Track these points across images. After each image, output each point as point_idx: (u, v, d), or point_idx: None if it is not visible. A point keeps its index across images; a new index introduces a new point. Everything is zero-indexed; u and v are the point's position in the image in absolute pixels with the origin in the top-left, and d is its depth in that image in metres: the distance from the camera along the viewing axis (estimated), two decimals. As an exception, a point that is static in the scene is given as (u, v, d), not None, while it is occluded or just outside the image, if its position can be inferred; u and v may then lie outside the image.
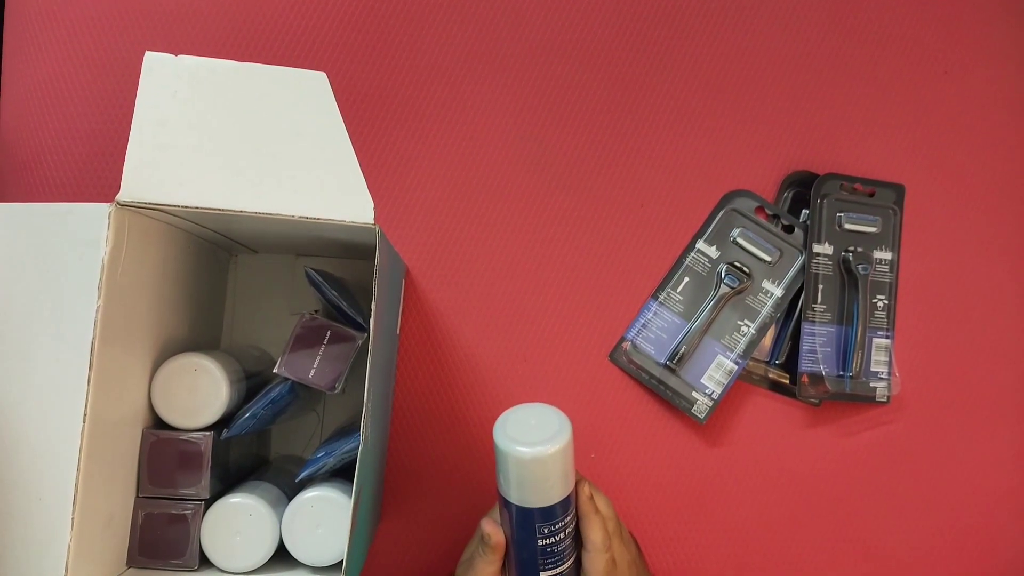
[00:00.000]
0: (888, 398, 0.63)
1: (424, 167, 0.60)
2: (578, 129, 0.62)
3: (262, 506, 0.44)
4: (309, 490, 0.44)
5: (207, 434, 0.44)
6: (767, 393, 0.62)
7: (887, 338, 0.63)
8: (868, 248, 0.63)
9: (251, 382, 0.49)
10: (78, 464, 0.37)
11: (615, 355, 0.61)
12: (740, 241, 0.62)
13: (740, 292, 0.61)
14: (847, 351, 0.62)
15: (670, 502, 0.61)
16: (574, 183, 0.62)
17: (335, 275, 0.49)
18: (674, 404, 0.60)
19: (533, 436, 0.40)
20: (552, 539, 0.42)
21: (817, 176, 0.63)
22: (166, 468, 0.44)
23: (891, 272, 0.64)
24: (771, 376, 0.63)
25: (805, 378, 0.61)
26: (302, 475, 0.45)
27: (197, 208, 0.39)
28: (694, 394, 0.60)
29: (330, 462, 0.45)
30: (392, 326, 0.53)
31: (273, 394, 0.46)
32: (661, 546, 0.61)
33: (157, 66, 0.39)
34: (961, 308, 0.65)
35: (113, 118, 0.58)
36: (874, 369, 0.62)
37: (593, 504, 0.44)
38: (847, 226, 0.63)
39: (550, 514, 0.42)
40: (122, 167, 0.38)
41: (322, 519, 0.43)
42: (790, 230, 0.63)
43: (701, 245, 0.62)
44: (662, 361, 0.61)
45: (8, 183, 0.59)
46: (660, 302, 0.61)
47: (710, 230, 0.62)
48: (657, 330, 0.61)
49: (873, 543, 0.63)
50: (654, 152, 0.63)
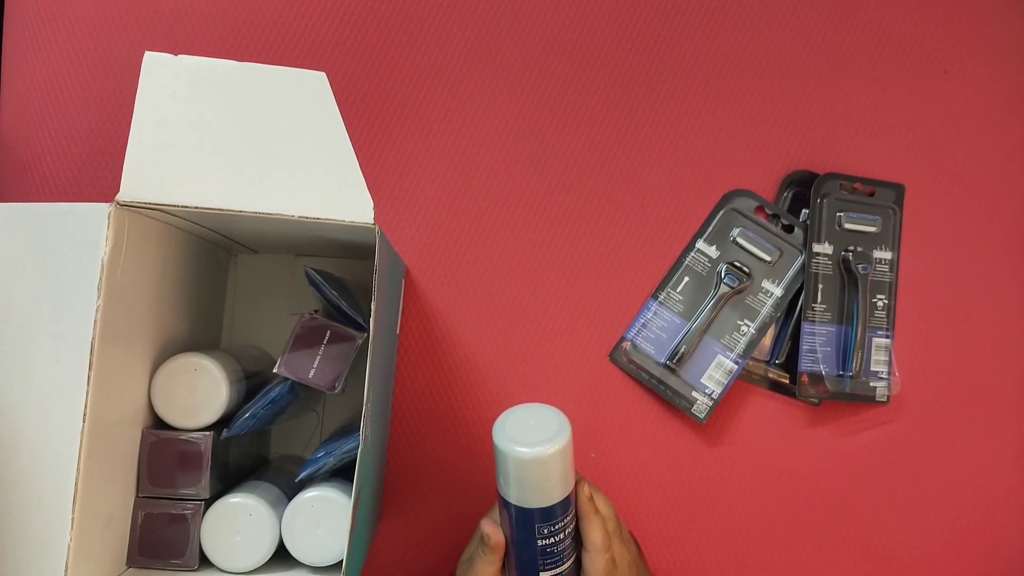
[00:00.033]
0: (888, 398, 0.63)
1: (424, 167, 0.60)
2: (578, 129, 0.62)
3: (262, 506, 0.44)
4: (309, 490, 0.44)
5: (207, 434, 0.44)
6: (767, 393, 0.62)
7: (887, 338, 0.63)
8: (868, 248, 0.63)
9: (251, 382, 0.49)
10: (78, 464, 0.37)
11: (615, 355, 0.61)
12: (740, 241, 0.62)
13: (740, 292, 0.61)
14: (847, 351, 0.62)
15: (670, 502, 0.61)
16: (574, 183, 0.62)
17: (335, 275, 0.49)
18: (674, 404, 0.60)
19: (533, 436, 0.40)
20: (552, 539, 0.42)
21: (817, 176, 0.63)
22: (166, 468, 0.44)
23: (891, 272, 0.64)
24: (771, 376, 0.63)
25: (805, 378, 0.61)
26: (302, 475, 0.45)
27: (197, 208, 0.39)
28: (694, 394, 0.60)
29: (330, 462, 0.45)
30: (392, 326, 0.53)
31: (273, 394, 0.46)
32: (661, 546, 0.61)
33: (157, 66, 0.39)
34: (961, 308, 0.65)
35: (113, 118, 0.58)
36: (874, 369, 0.62)
37: (593, 504, 0.44)
38: (847, 226, 0.63)
39: (550, 514, 0.42)
40: (122, 167, 0.38)
41: (322, 519, 0.43)
42: (790, 230, 0.63)
43: (701, 245, 0.62)
44: (662, 361, 0.61)
45: (8, 183, 0.59)
46: (660, 302, 0.61)
47: (710, 230, 0.62)
48: (657, 330, 0.61)
49: (873, 543, 0.63)
50: (654, 152, 0.63)
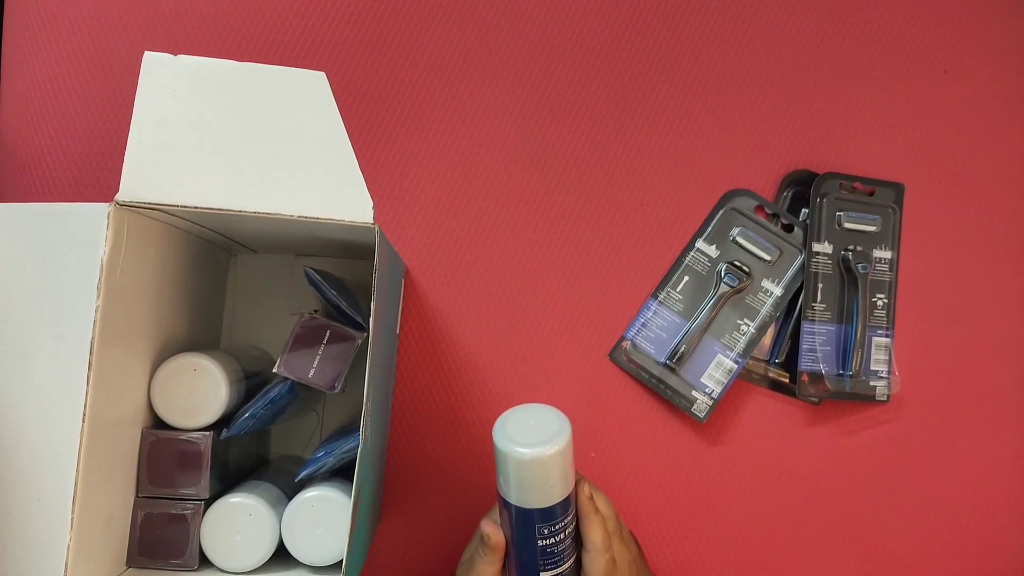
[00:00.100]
0: (888, 397, 0.63)
1: (424, 167, 0.60)
2: (578, 129, 0.62)
3: (262, 506, 0.44)
4: (309, 490, 0.44)
5: (207, 434, 0.44)
6: (767, 392, 0.62)
7: (887, 337, 0.63)
8: (868, 247, 0.63)
9: (251, 382, 0.49)
10: (78, 464, 0.37)
11: (615, 354, 0.61)
12: (740, 240, 0.62)
13: (740, 291, 0.61)
14: (847, 350, 0.62)
15: (670, 501, 0.61)
16: (574, 183, 0.62)
17: (335, 275, 0.49)
18: (674, 403, 0.60)
19: (533, 437, 0.40)
20: (552, 539, 0.42)
21: (816, 175, 0.63)
22: (166, 468, 0.44)
23: (891, 271, 0.64)
24: (771, 375, 0.62)
25: (805, 377, 0.61)
26: (302, 475, 0.45)
27: (197, 208, 0.39)
28: (694, 393, 0.60)
29: (330, 462, 0.45)
30: (392, 326, 0.53)
31: (273, 394, 0.46)
32: (661, 545, 0.61)
33: (156, 66, 0.39)
34: (961, 307, 0.65)
35: (112, 118, 0.58)
36: (874, 368, 0.62)
37: (593, 504, 0.44)
38: (847, 225, 0.63)
39: (550, 515, 0.42)
40: (121, 167, 0.38)
41: (322, 519, 0.43)
42: (790, 229, 0.63)
43: (701, 244, 0.62)
44: (662, 360, 0.61)
45: (7, 183, 0.59)
46: (660, 301, 0.61)
47: (710, 229, 0.62)
48: (657, 329, 0.61)
49: (873, 543, 0.63)
50: (654, 152, 0.63)
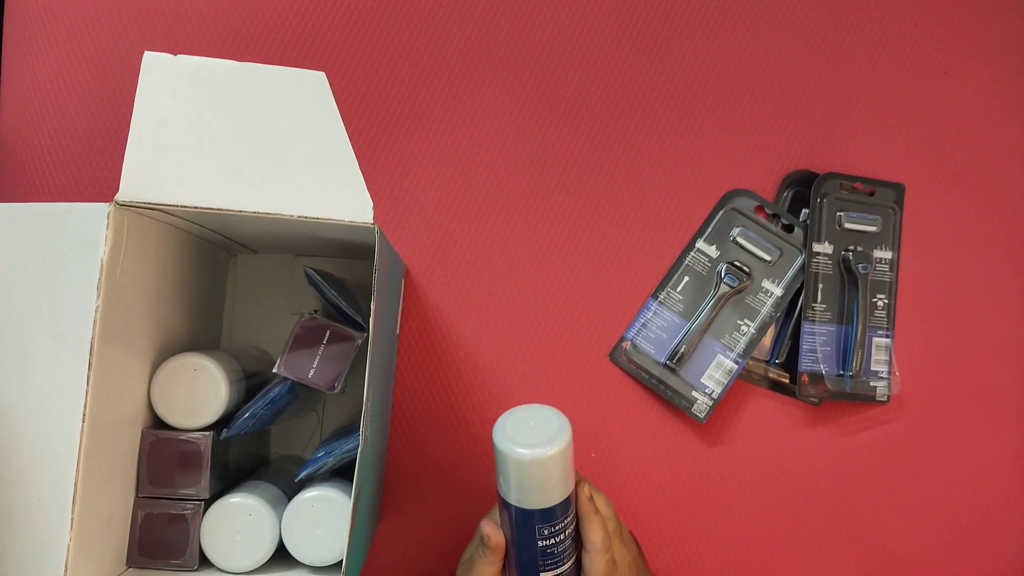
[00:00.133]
0: (888, 397, 0.63)
1: (424, 167, 0.60)
2: (578, 129, 0.62)
3: (262, 506, 0.44)
4: (309, 490, 0.44)
5: (207, 434, 0.44)
6: (767, 392, 0.62)
7: (887, 337, 0.63)
8: (868, 247, 0.63)
9: (251, 382, 0.49)
10: (78, 464, 0.37)
11: (615, 355, 0.61)
12: (740, 240, 0.62)
13: (740, 291, 0.61)
14: (847, 350, 0.62)
15: (670, 502, 0.61)
16: (574, 183, 0.62)
17: (335, 275, 0.49)
18: (674, 404, 0.60)
19: (533, 437, 0.40)
20: (552, 540, 0.42)
21: (817, 175, 0.63)
22: (166, 468, 0.44)
23: (891, 271, 0.64)
24: (771, 375, 0.62)
25: (805, 377, 0.61)
26: (302, 475, 0.45)
27: (197, 208, 0.39)
28: (694, 393, 0.60)
29: (330, 462, 0.45)
30: (392, 326, 0.53)
31: (273, 394, 0.46)
32: (661, 545, 0.61)
33: (156, 66, 0.39)
34: (961, 307, 0.65)
35: (112, 118, 0.58)
36: (874, 368, 0.62)
37: (593, 505, 0.44)
38: (847, 225, 0.63)
39: (550, 515, 0.42)
40: (121, 167, 0.38)
41: (322, 519, 0.43)
42: (790, 229, 0.63)
43: (701, 244, 0.62)
44: (662, 361, 0.61)
45: (7, 183, 0.59)
46: (660, 301, 0.61)
47: (710, 229, 0.62)
48: (657, 329, 0.61)
49: (873, 543, 0.63)
50: (654, 152, 0.63)
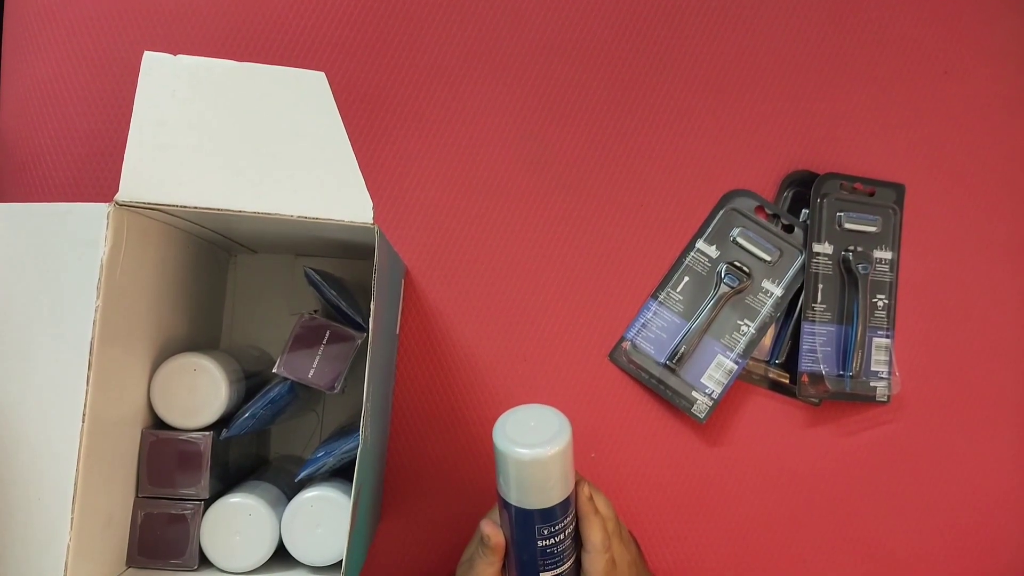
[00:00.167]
0: (888, 398, 0.63)
1: (424, 167, 0.60)
2: (578, 129, 0.62)
3: (262, 506, 0.44)
4: (309, 490, 0.44)
5: (206, 434, 0.44)
6: (767, 393, 0.62)
7: (887, 337, 0.63)
8: (868, 247, 0.63)
9: (250, 382, 0.49)
10: (77, 464, 0.37)
11: (615, 355, 0.61)
12: (740, 241, 0.62)
13: (740, 292, 0.61)
14: (847, 351, 0.62)
15: (670, 502, 0.61)
16: (574, 183, 0.62)
17: (334, 275, 0.49)
18: (674, 404, 0.60)
19: (533, 437, 0.40)
20: (552, 540, 0.42)
21: (817, 175, 0.63)
22: (165, 468, 0.44)
23: (891, 271, 0.64)
24: (771, 376, 0.62)
25: (805, 378, 0.61)
26: (302, 475, 0.45)
27: (196, 208, 0.39)
28: (694, 394, 0.60)
29: (330, 462, 0.45)
30: (392, 326, 0.53)
31: (272, 394, 0.46)
32: (661, 546, 0.61)
33: (156, 66, 0.39)
34: (961, 308, 0.65)
35: (112, 118, 0.58)
36: (874, 369, 0.62)
37: (593, 505, 0.44)
38: (847, 225, 0.63)
39: (550, 515, 0.42)
40: (121, 167, 0.38)
41: (322, 519, 0.43)
42: (790, 230, 0.63)
43: (701, 245, 0.62)
44: (662, 361, 0.61)
45: (7, 183, 0.59)
46: (660, 302, 0.61)
47: (710, 230, 0.62)
48: (657, 330, 0.61)
49: (873, 543, 0.63)
50: (654, 152, 0.63)
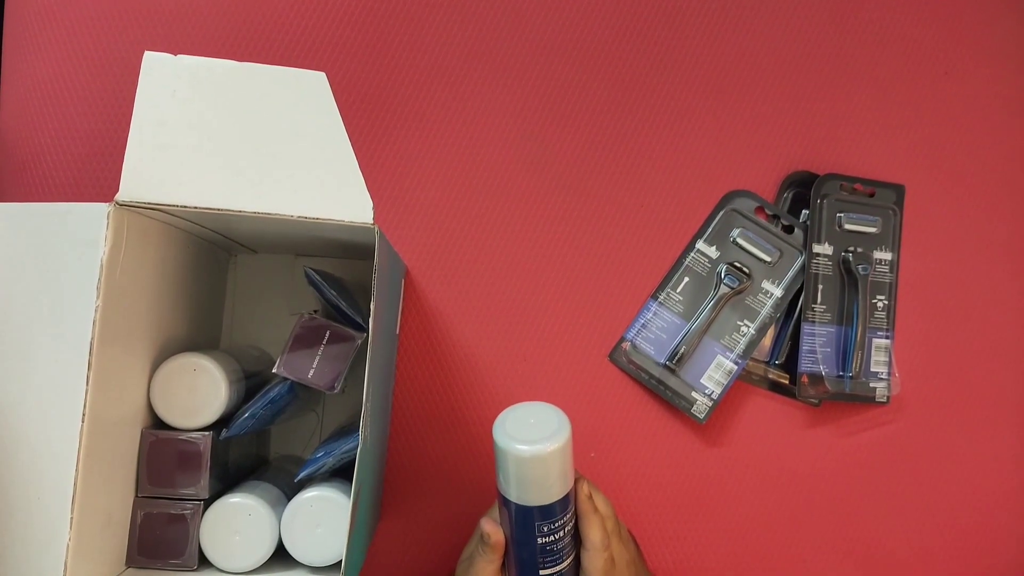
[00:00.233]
0: (888, 398, 0.63)
1: (424, 167, 0.60)
2: (578, 129, 0.62)
3: (261, 506, 0.44)
4: (308, 490, 0.44)
5: (206, 434, 0.44)
6: (767, 393, 0.62)
7: (887, 338, 0.63)
8: (868, 248, 0.63)
9: (250, 382, 0.49)
10: (77, 464, 0.37)
11: (615, 355, 0.61)
12: (740, 241, 0.62)
13: (740, 292, 0.61)
14: (847, 351, 0.62)
15: (670, 501, 0.61)
16: (574, 183, 0.62)
17: (334, 275, 0.49)
18: (674, 404, 0.60)
19: (532, 434, 0.40)
20: (551, 537, 0.42)
21: (817, 176, 0.63)
22: (165, 468, 0.44)
23: (891, 272, 0.64)
24: (771, 376, 0.62)
25: (805, 378, 0.61)
26: (301, 475, 0.45)
27: (196, 208, 0.39)
28: (694, 394, 0.60)
29: (329, 462, 0.45)
30: (392, 326, 0.53)
31: (272, 394, 0.46)
32: (661, 545, 0.61)
33: (156, 66, 0.39)
34: (961, 308, 0.65)
35: (112, 118, 0.58)
36: (874, 369, 0.62)
37: (592, 503, 0.44)
38: (847, 226, 0.63)
39: (549, 512, 0.42)
40: (121, 167, 0.38)
41: (321, 519, 0.43)
42: (790, 230, 0.63)
43: (701, 245, 0.62)
44: (662, 361, 0.61)
45: (7, 183, 0.59)
46: (660, 302, 0.61)
47: (710, 230, 0.62)
48: (657, 330, 0.61)
49: (873, 543, 0.63)
50: (654, 152, 0.63)
